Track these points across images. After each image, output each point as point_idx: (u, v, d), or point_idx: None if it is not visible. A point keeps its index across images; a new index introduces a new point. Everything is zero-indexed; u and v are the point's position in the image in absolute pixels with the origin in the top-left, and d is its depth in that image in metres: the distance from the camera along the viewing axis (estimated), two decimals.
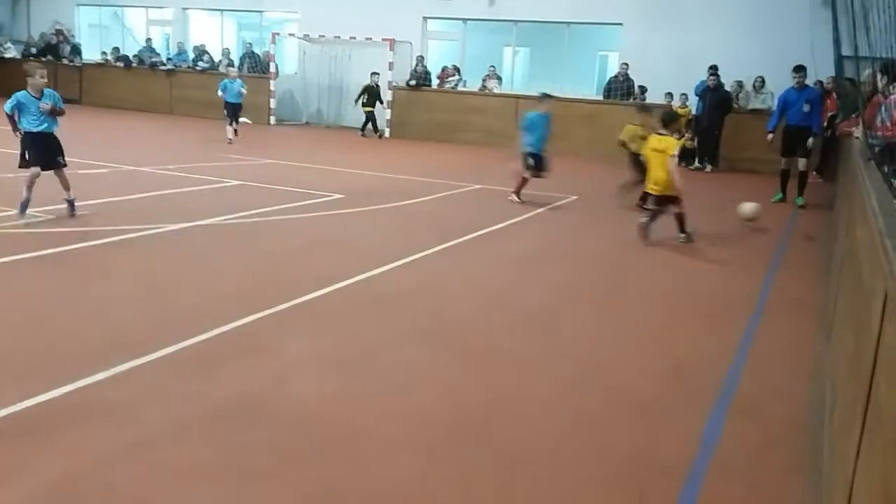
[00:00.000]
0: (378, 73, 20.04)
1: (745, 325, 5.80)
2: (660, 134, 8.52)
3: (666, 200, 8.41)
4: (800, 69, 12.15)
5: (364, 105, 19.90)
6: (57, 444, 3.38)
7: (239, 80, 16.54)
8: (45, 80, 7.88)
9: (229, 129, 15.86)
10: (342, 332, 5.12)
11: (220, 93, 16.07)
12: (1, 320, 4.92)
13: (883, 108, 7.00)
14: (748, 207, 9.59)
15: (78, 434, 3.48)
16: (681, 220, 8.47)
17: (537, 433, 3.81)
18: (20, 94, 7.71)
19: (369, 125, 19.92)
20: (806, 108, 11.87)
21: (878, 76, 8.05)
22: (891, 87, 7.27)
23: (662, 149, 8.30)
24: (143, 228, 7.56)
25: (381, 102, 19.94)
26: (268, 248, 7.28)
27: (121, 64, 23.33)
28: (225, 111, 16.15)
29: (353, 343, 4.92)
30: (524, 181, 10.60)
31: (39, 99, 7.78)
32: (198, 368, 4.33)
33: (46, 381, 3.94)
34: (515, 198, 10.58)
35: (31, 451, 3.31)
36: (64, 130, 8.23)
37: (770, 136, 12.15)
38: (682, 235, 8.49)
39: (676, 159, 8.39)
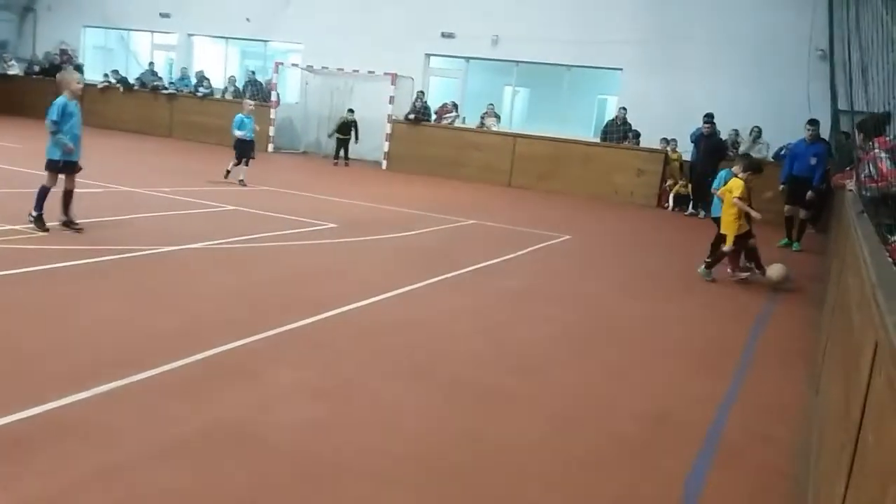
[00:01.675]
0: (353, 111, 20.48)
1: (732, 372, 5.78)
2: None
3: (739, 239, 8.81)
4: (814, 122, 12.65)
5: (337, 133, 20.43)
6: (33, 464, 3.32)
7: (252, 117, 14.37)
8: (81, 84, 8.31)
9: (240, 170, 13.60)
10: (330, 361, 5.08)
11: (235, 131, 13.83)
12: None
13: (868, 164, 7.09)
14: (775, 272, 8.81)
15: (55, 454, 3.42)
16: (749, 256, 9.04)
17: (523, 475, 3.76)
18: (62, 101, 7.95)
19: (341, 152, 20.39)
20: (812, 161, 12.40)
21: (856, 134, 8.38)
22: (870, 143, 7.38)
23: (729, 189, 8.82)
24: (135, 249, 7.53)
25: (356, 138, 20.38)
26: (259, 274, 7.25)
27: (120, 86, 23.46)
28: (235, 149, 13.86)
29: (341, 373, 4.88)
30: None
31: (76, 106, 8.16)
32: (182, 392, 4.28)
33: (25, 399, 3.88)
34: (741, 274, 9.21)
35: (7, 469, 3.25)
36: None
37: (782, 186, 12.61)
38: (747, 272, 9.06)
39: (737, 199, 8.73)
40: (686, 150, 16.75)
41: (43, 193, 7.92)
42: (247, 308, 6.11)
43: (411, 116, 20.03)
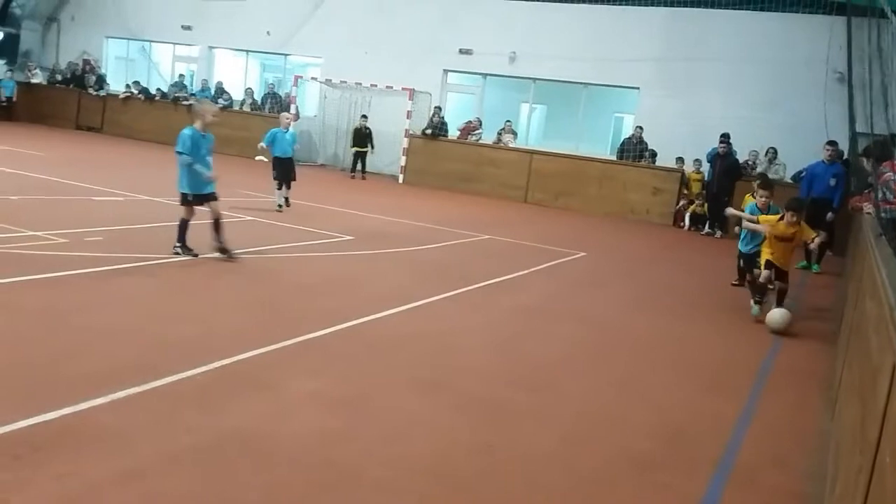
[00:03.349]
0: (366, 116, 20.54)
1: (748, 393, 5.74)
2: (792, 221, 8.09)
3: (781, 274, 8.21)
4: (833, 143, 12.60)
5: (354, 146, 20.44)
6: (48, 468, 3.35)
7: (293, 131, 13.07)
8: (216, 117, 8.11)
9: (278, 194, 12.49)
10: (344, 372, 5.10)
11: (263, 144, 12.64)
12: (1, 339, 4.92)
13: (882, 187, 7.08)
14: (777, 319, 7.84)
15: (70, 459, 3.45)
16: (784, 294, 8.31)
17: (533, 489, 3.76)
18: (190, 132, 7.76)
19: (358, 165, 20.40)
20: (832, 182, 12.33)
21: (864, 160, 8.56)
22: (880, 168, 7.42)
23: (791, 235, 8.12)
24: (153, 258, 7.60)
25: (371, 146, 20.40)
26: (274, 284, 7.29)
27: (142, 96, 23.73)
28: (273, 170, 12.60)
29: (354, 385, 4.89)
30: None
31: (204, 136, 7.91)
32: (197, 400, 4.31)
33: (42, 403, 3.92)
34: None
35: (22, 473, 3.28)
36: (86, 157, 8.36)
37: None
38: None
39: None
40: (706, 170, 16.70)
41: (182, 227, 7.87)
42: (262, 318, 6.15)
43: (428, 131, 20.12)
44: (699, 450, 4.52)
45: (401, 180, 20.27)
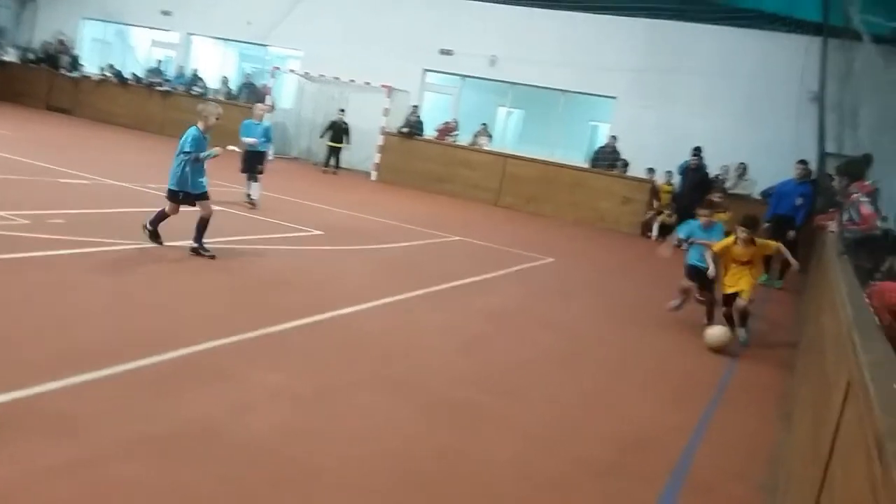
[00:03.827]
0: (344, 111, 20.51)
1: (705, 406, 5.80)
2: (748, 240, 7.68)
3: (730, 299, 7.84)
4: (803, 162, 12.74)
5: (330, 140, 20.38)
6: None
7: (267, 124, 12.48)
8: (218, 120, 7.83)
9: (253, 186, 11.88)
10: (307, 367, 5.06)
11: (242, 137, 11.90)
12: None
13: (849, 208, 7.21)
14: (715, 336, 7.44)
15: (21, 444, 3.38)
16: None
17: (490, 494, 3.76)
18: (196, 132, 7.64)
19: (332, 160, 20.34)
20: (798, 201, 12.38)
21: (837, 178, 8.54)
22: (850, 187, 7.54)
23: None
24: (117, 243, 7.49)
25: (347, 140, 20.37)
26: (241, 275, 7.22)
27: (115, 80, 23.38)
28: (242, 162, 11.92)
29: (316, 380, 4.86)
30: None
31: (205, 138, 7.72)
32: (155, 389, 4.24)
33: None
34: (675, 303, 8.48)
35: None
36: (55, 138, 8.21)
37: (766, 224, 12.26)
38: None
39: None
40: (677, 182, 16.87)
41: (159, 215, 7.67)
42: (227, 309, 6.08)
43: (405, 130, 20.08)
44: (657, 459, 4.55)
45: (374, 177, 20.21)
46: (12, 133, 15.75)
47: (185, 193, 7.66)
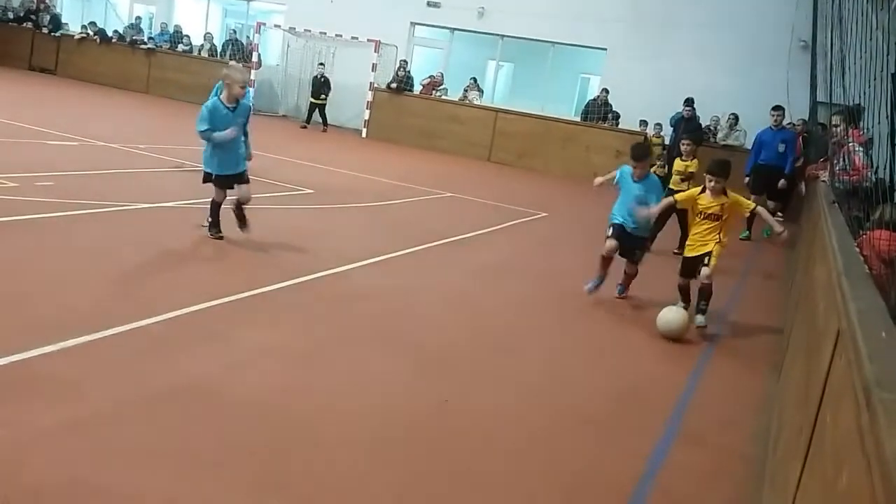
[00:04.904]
0: (323, 65, 20.21)
1: (698, 356, 5.86)
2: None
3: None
4: (778, 108, 12.20)
5: (311, 96, 20.11)
6: None
7: (249, 91, 11.12)
8: (245, 88, 6.55)
9: None
10: (302, 326, 5.08)
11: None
12: None
13: (843, 156, 7.19)
14: (668, 323, 6.07)
15: (19, 406, 3.40)
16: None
17: (487, 445, 3.81)
18: (212, 105, 6.48)
19: (315, 116, 20.04)
20: (781, 147, 11.87)
21: (839, 123, 8.22)
22: (847, 136, 7.48)
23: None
24: (107, 205, 7.44)
25: (326, 94, 20.04)
26: (231, 236, 7.19)
27: (97, 38, 22.97)
28: None
29: (310, 338, 4.88)
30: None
31: (233, 111, 6.56)
32: (150, 350, 4.26)
33: None
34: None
35: None
36: (39, 99, 8.07)
37: (747, 178, 11.90)
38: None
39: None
40: (667, 135, 16.80)
41: (213, 206, 6.86)
42: (219, 268, 6.08)
43: (393, 85, 19.87)
44: (650, 409, 4.62)
45: (364, 135, 20.06)
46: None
47: (220, 176, 6.72)
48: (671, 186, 9.95)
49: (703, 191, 6.49)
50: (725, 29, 17.48)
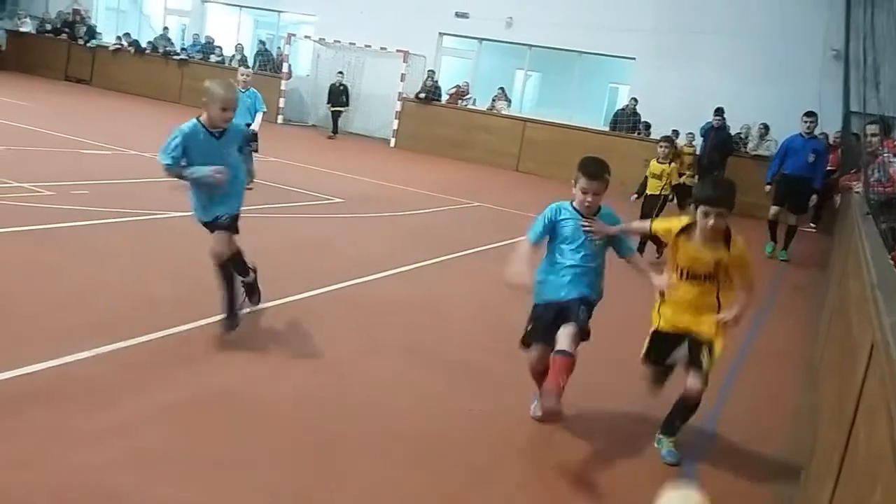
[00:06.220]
0: (342, 73, 20.41)
1: (728, 368, 5.79)
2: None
3: None
4: (811, 114, 11.17)
5: (332, 105, 20.31)
6: (31, 420, 3.35)
7: (254, 91, 10.06)
8: (232, 113, 4.74)
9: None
10: (326, 335, 5.10)
11: None
12: None
13: (877, 167, 7.07)
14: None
15: (52, 411, 3.46)
16: None
17: (514, 451, 3.80)
18: (185, 129, 4.68)
19: (339, 123, 20.29)
20: (811, 157, 10.77)
21: (877, 133, 7.94)
22: (882, 147, 7.35)
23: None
24: (139, 213, 7.55)
25: (346, 104, 20.31)
26: (261, 244, 7.23)
27: (132, 49, 23.35)
28: None
29: (337, 347, 4.90)
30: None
31: (219, 138, 4.73)
32: (179, 357, 4.31)
33: (26, 356, 3.91)
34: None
35: (5, 423, 3.29)
36: (74, 109, 8.21)
37: (768, 187, 11.21)
38: None
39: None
40: (698, 145, 16.67)
41: (231, 266, 4.99)
42: None
43: (422, 95, 19.96)
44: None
45: (392, 144, 20.15)
46: (33, 104, 15.83)
47: (205, 222, 4.94)
48: (648, 192, 9.69)
49: (691, 230, 3.97)
50: (755, 38, 17.32)
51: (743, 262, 3.97)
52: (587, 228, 4.21)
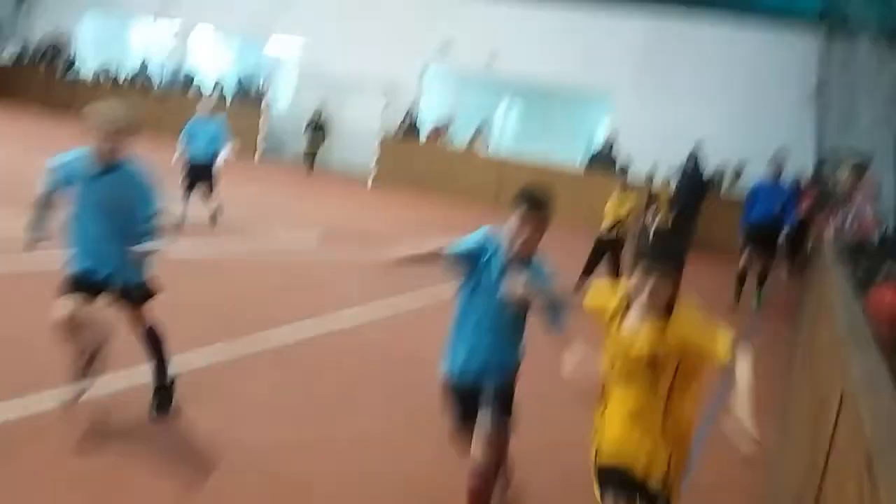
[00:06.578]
0: (320, 109, 20.48)
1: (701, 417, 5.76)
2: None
3: None
4: (779, 156, 10.76)
5: (311, 142, 20.33)
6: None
7: (219, 122, 9.66)
8: (112, 143, 3.91)
9: (186, 206, 9.25)
10: (302, 381, 5.04)
11: (182, 143, 9.52)
12: None
13: (850, 210, 7.17)
14: None
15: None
16: None
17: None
18: (72, 155, 3.93)
19: (312, 161, 20.19)
20: (778, 207, 10.23)
21: (848, 177, 8.01)
22: (855, 189, 7.48)
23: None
24: None
25: (323, 137, 20.28)
26: (234, 286, 7.18)
27: (110, 83, 23.31)
28: (185, 174, 9.43)
29: (313, 394, 4.84)
30: None
31: (99, 177, 3.92)
32: (147, 405, 4.22)
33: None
34: None
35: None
36: (46, 142, 8.12)
37: (741, 240, 10.58)
38: None
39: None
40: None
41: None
42: (219, 322, 6.05)
43: (401, 132, 20.07)
44: None
45: (371, 179, 20.18)
46: (11, 130, 15.69)
47: (72, 277, 3.93)
48: (599, 237, 8.73)
49: (627, 304, 3.04)
50: (733, 77, 17.86)
51: (695, 336, 2.79)
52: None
